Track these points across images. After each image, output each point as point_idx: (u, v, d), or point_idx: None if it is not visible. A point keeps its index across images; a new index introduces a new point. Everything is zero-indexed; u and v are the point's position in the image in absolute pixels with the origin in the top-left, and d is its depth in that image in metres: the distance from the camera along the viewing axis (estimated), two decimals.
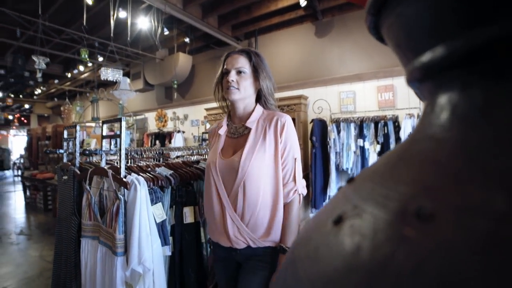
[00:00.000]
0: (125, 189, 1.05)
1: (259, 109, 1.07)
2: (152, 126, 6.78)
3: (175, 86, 5.56)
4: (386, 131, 3.33)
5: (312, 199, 3.73)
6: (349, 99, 3.99)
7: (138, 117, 6.95)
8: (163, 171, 1.20)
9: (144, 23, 4.27)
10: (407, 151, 0.16)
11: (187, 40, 5.11)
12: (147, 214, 1.03)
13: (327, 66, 4.31)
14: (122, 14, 4.08)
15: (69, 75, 7.19)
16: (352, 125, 3.59)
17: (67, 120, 7.98)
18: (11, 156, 12.44)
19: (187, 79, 5.99)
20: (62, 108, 7.82)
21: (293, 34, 4.70)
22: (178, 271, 1.15)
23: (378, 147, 3.36)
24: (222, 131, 1.11)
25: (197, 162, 1.43)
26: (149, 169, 1.21)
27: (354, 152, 3.53)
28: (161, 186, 1.15)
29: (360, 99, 3.93)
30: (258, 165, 0.97)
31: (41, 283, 2.70)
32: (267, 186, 0.98)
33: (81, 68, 6.45)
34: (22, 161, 7.86)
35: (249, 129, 1.04)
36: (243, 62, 1.04)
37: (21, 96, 9.91)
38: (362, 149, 3.46)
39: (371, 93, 3.83)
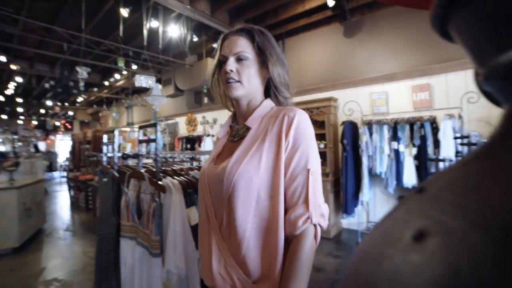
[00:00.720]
0: (161, 192, 1.08)
1: (266, 104, 0.81)
2: (183, 130, 7.02)
3: (205, 91, 5.72)
4: (423, 133, 3.14)
5: (343, 204, 3.61)
6: (381, 100, 3.83)
7: (169, 122, 7.24)
8: (197, 174, 1.23)
9: (174, 31, 4.44)
10: (496, 160, 0.14)
11: (215, 45, 5.23)
12: (182, 217, 1.05)
13: (357, 66, 4.18)
14: (154, 23, 4.29)
15: (106, 83, 7.68)
16: (385, 127, 3.43)
17: (104, 125, 8.53)
18: (57, 158, 13.54)
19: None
20: (100, 114, 8.38)
21: (320, 36, 4.63)
22: None
23: (414, 150, 3.17)
24: (221, 133, 0.90)
25: None
26: (183, 172, 1.24)
27: (388, 156, 3.37)
28: (195, 189, 1.17)
29: (393, 100, 3.75)
30: (248, 176, 0.69)
31: (85, 276, 2.89)
32: (263, 206, 0.70)
33: (117, 76, 6.88)
34: (67, 163, 8.50)
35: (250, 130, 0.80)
36: (243, 45, 0.78)
37: (66, 104, 10.77)
38: (397, 152, 3.29)
39: (405, 93, 3.64)
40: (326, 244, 3.54)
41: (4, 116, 13.06)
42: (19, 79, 7.15)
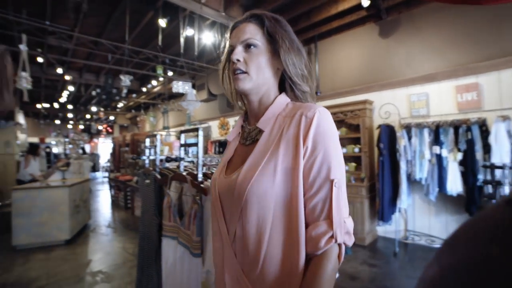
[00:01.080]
0: (203, 195, 1.13)
1: (280, 100, 0.70)
2: (215, 133, 7.22)
3: None
4: (469, 137, 2.91)
5: (379, 211, 3.46)
6: (421, 102, 3.62)
7: (202, 125, 7.49)
8: None
9: (208, 37, 4.60)
10: None
11: None
12: None
13: (393, 67, 4.00)
14: (190, 32, 4.48)
15: (144, 89, 8.16)
16: (426, 131, 3.24)
17: (142, 129, 9.06)
18: (99, 160, 14.61)
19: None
20: (138, 119, 8.90)
21: (354, 37, 4.51)
22: None
23: (459, 155, 2.95)
24: (232, 136, 0.78)
25: None
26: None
27: (429, 161, 3.17)
28: None
29: (434, 102, 3.53)
30: (262, 189, 0.60)
31: (125, 271, 3.08)
32: (280, 222, 0.61)
33: (154, 82, 7.27)
34: (109, 164, 9.16)
35: (263, 133, 0.69)
36: (252, 31, 0.68)
37: (108, 109, 11.63)
38: (439, 157, 3.09)
39: (448, 94, 3.41)
40: (360, 251, 3.42)
41: (57, 121, 14.42)
42: (71, 88, 7.89)
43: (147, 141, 1.94)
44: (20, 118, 6.88)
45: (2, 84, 3.62)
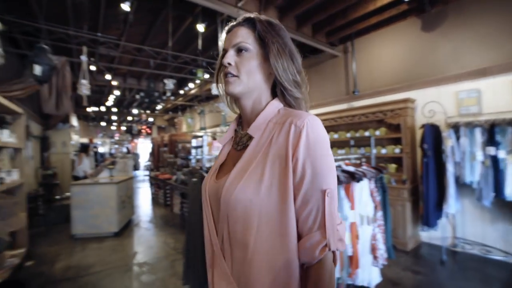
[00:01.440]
0: None
1: (272, 106, 0.69)
2: None
3: None
4: None
5: (424, 216, 3.28)
6: (471, 99, 3.37)
7: None
8: None
9: None
10: None
11: None
12: None
13: (438, 63, 3.76)
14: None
15: (181, 91, 8.53)
16: (478, 130, 3.00)
17: (179, 130, 9.47)
18: (139, 159, 15.56)
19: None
20: (175, 120, 9.33)
21: (394, 33, 4.31)
22: None
23: None
24: (224, 141, 0.78)
25: None
26: None
27: (482, 163, 2.94)
28: None
29: (487, 99, 3.26)
30: (246, 198, 0.60)
31: (168, 263, 3.27)
32: (262, 233, 0.60)
33: (191, 85, 7.57)
34: (149, 163, 9.73)
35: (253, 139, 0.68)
36: (243, 35, 0.68)
37: (147, 111, 12.36)
38: (494, 159, 2.84)
39: (505, 89, 3.13)
40: (402, 257, 3.26)
41: (103, 123, 15.64)
42: (116, 92, 8.52)
43: (194, 142, 2.05)
44: (74, 121, 7.58)
45: (62, 91, 4.04)
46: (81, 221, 4.24)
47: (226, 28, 0.73)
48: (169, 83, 5.01)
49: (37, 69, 2.93)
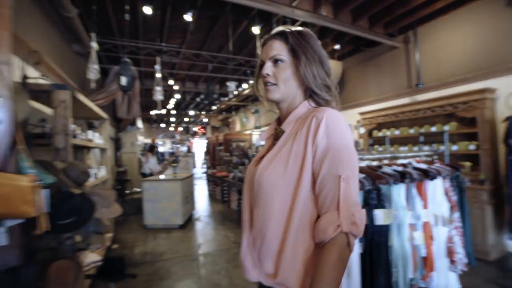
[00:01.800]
0: None
1: (302, 106, 0.80)
2: None
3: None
4: None
5: (510, 222, 2.90)
6: None
7: None
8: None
9: None
10: None
11: (336, 47, 5.21)
12: None
13: None
14: None
15: (235, 92, 8.88)
16: None
17: (233, 129, 9.87)
18: (195, 158, 16.60)
19: (337, 85, 6.05)
20: (230, 120, 9.73)
21: (466, 15, 3.86)
22: (368, 270, 1.22)
23: None
24: (264, 137, 0.92)
25: (379, 167, 1.46)
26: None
27: None
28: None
29: None
30: (273, 180, 0.72)
31: (229, 256, 3.47)
32: (283, 210, 0.72)
33: (244, 85, 7.83)
34: (205, 161, 10.35)
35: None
36: (278, 48, 0.78)
37: (203, 112, 13.14)
38: None
39: None
40: (484, 267, 2.92)
41: (162, 125, 17.11)
42: (177, 95, 9.26)
43: (254, 139, 2.15)
44: (139, 123, 8.48)
45: (132, 98, 4.56)
46: (151, 213, 4.74)
47: (262, 41, 0.84)
48: (232, 85, 5.29)
49: (123, 80, 3.39)
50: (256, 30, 4.33)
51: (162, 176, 5.41)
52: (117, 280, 2.11)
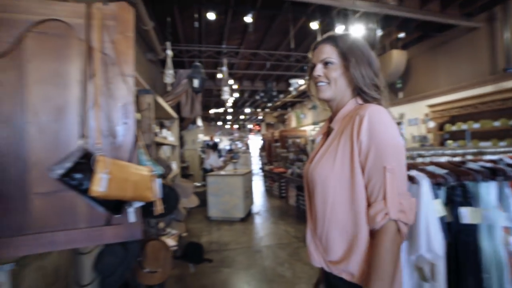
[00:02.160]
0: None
1: (350, 104, 0.85)
2: None
3: (399, 85, 5.46)
4: None
5: None
6: None
7: None
8: (435, 169, 1.24)
9: (359, 30, 4.48)
10: None
11: (401, 35, 4.83)
12: (432, 207, 1.11)
13: None
14: (340, 28, 4.51)
15: (291, 88, 8.90)
16: None
17: (288, 125, 9.89)
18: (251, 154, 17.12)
19: (402, 76, 5.62)
20: (285, 116, 9.77)
21: None
22: (454, 273, 1.15)
23: None
24: (318, 135, 0.98)
25: (463, 162, 1.35)
26: (419, 167, 1.29)
27: None
28: (437, 183, 1.20)
29: None
30: (324, 174, 0.80)
31: (292, 250, 3.54)
32: (337, 201, 0.78)
33: (300, 81, 7.80)
34: (262, 158, 10.63)
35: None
36: (328, 51, 0.84)
37: (258, 110, 13.47)
38: None
39: None
40: None
41: (219, 123, 18.03)
42: (236, 94, 9.70)
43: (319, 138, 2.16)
44: (199, 122, 9.10)
45: (195, 98, 4.94)
46: (214, 206, 5.09)
47: (312, 45, 0.92)
48: (295, 83, 5.38)
49: (195, 82, 3.74)
50: (314, 25, 4.27)
51: (223, 172, 5.75)
52: (196, 263, 2.37)
